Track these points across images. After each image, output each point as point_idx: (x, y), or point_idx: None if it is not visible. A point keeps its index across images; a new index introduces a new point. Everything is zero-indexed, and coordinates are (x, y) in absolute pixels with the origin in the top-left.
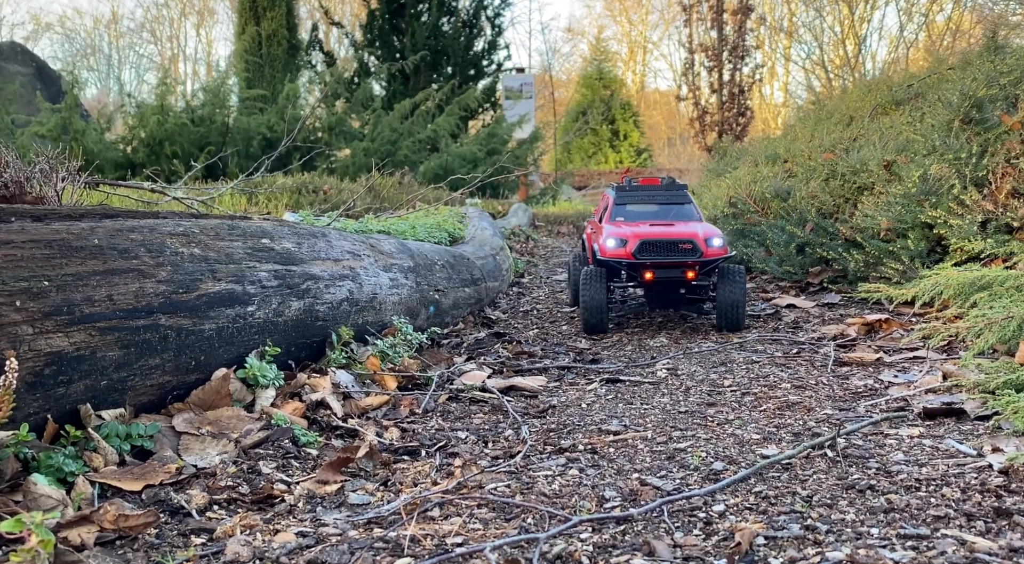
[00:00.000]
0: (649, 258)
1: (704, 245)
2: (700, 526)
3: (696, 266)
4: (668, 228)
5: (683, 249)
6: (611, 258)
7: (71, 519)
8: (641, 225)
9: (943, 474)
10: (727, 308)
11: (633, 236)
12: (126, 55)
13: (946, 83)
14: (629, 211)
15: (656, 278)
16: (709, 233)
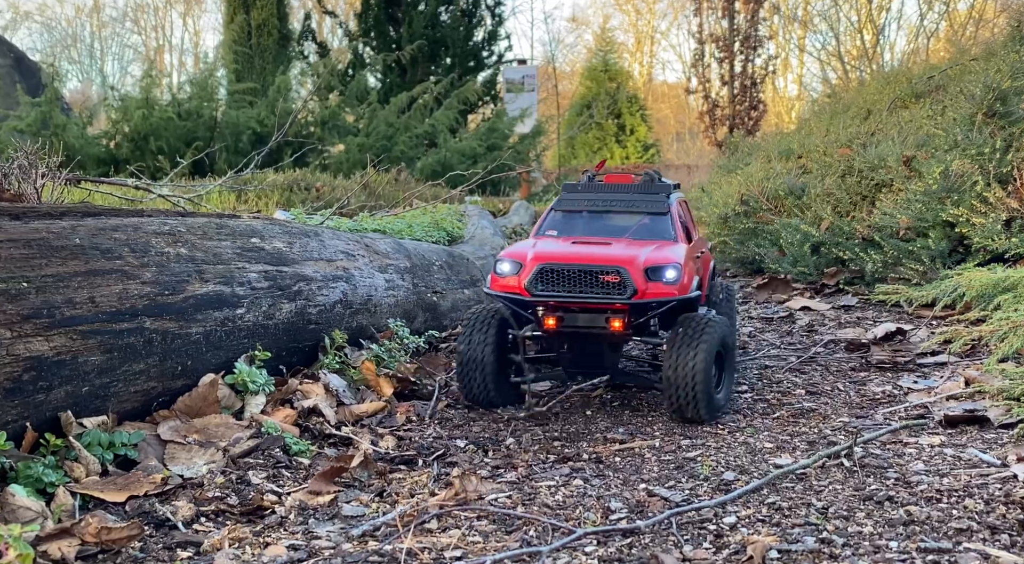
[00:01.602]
0: (551, 294)
1: (642, 278)
2: (710, 539)
3: (626, 312)
4: (591, 249)
5: (605, 282)
6: (499, 292)
7: (51, 532)
8: (564, 242)
9: (965, 485)
10: (675, 387)
11: (532, 258)
12: (109, 46)
13: (969, 75)
14: (571, 221)
15: (562, 327)
16: (658, 260)
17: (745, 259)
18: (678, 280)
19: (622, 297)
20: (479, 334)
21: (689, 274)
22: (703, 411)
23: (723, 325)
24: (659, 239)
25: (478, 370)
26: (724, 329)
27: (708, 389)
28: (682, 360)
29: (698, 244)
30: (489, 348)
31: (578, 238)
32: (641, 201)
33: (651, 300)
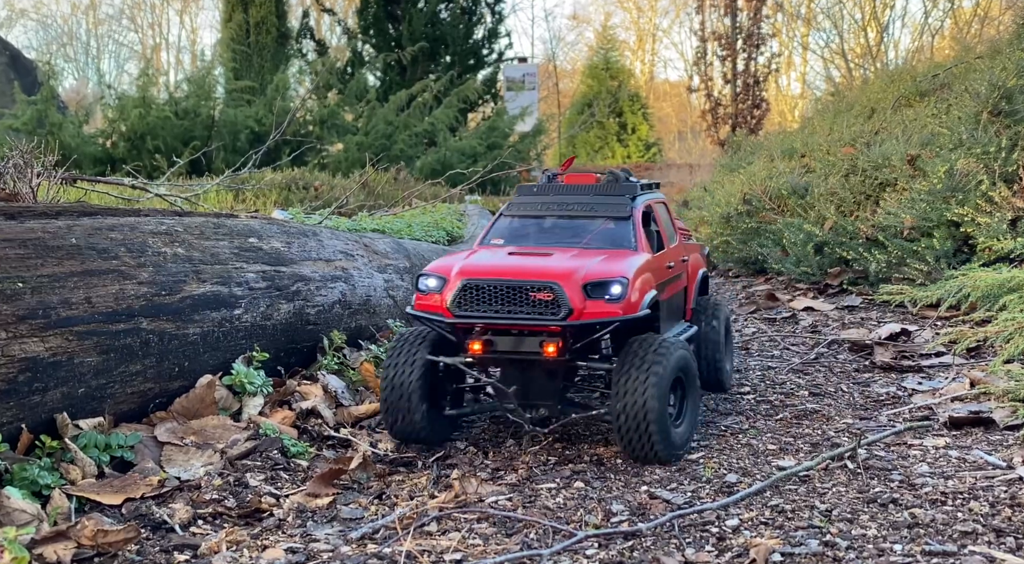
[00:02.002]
0: (476, 315)
1: (579, 295)
2: (712, 542)
3: (561, 335)
4: (524, 262)
5: (536, 301)
6: (421, 312)
7: (47, 535)
8: (499, 253)
9: (970, 487)
10: (623, 422)
11: (457, 273)
12: (105, 44)
13: (974, 73)
14: (522, 228)
15: (489, 353)
16: (600, 274)
17: (748, 259)
18: (623, 297)
19: (555, 318)
20: (406, 359)
21: (642, 289)
22: (658, 449)
23: (680, 348)
24: (617, 248)
25: (404, 401)
26: (682, 353)
27: (663, 423)
28: (631, 390)
29: (674, 253)
30: (417, 375)
31: (520, 248)
32: (601, 204)
33: (590, 321)
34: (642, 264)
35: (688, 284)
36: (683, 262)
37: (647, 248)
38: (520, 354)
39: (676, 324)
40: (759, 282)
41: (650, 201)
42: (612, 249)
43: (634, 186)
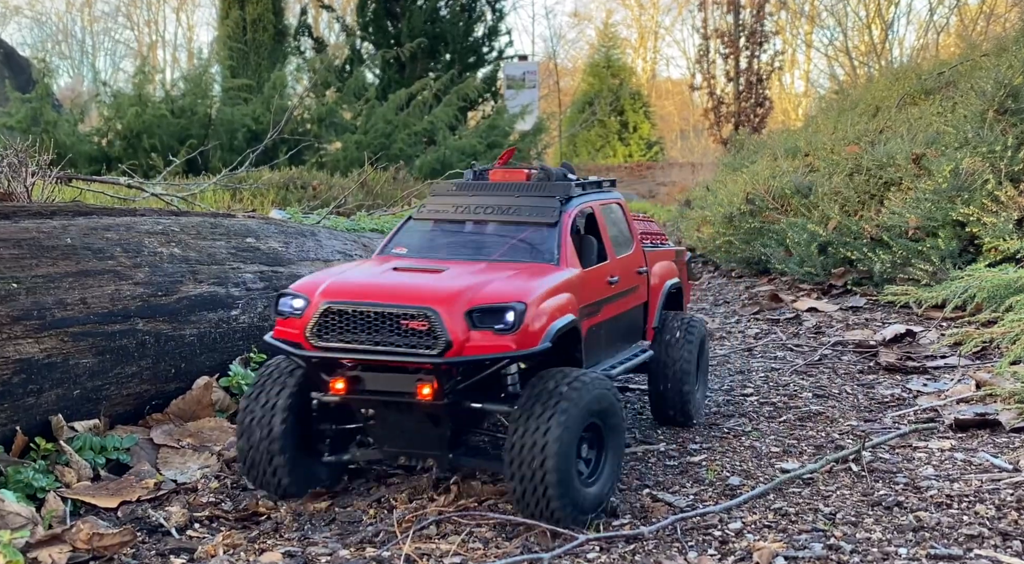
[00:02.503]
0: (338, 346)
1: (461, 324)
2: (715, 545)
3: (436, 373)
4: (403, 281)
5: (408, 330)
6: (280, 340)
7: (41, 538)
8: (383, 268)
9: (976, 490)
10: (517, 475)
11: (321, 293)
12: (101, 41)
13: (979, 71)
14: (431, 235)
15: (357, 391)
16: (491, 297)
17: (751, 259)
18: (517, 326)
19: (429, 352)
20: (266, 399)
21: (548, 315)
22: (559, 515)
23: (597, 386)
24: (536, 261)
25: (262, 449)
26: (599, 392)
27: (566, 483)
28: (527, 442)
29: (623, 264)
30: (280, 419)
31: (415, 262)
32: (526, 208)
33: (474, 357)
34: (555, 284)
35: (650, 298)
36: (639, 274)
37: (574, 261)
38: (392, 395)
39: (623, 349)
40: (762, 282)
41: (592, 203)
42: (528, 262)
43: (567, 186)
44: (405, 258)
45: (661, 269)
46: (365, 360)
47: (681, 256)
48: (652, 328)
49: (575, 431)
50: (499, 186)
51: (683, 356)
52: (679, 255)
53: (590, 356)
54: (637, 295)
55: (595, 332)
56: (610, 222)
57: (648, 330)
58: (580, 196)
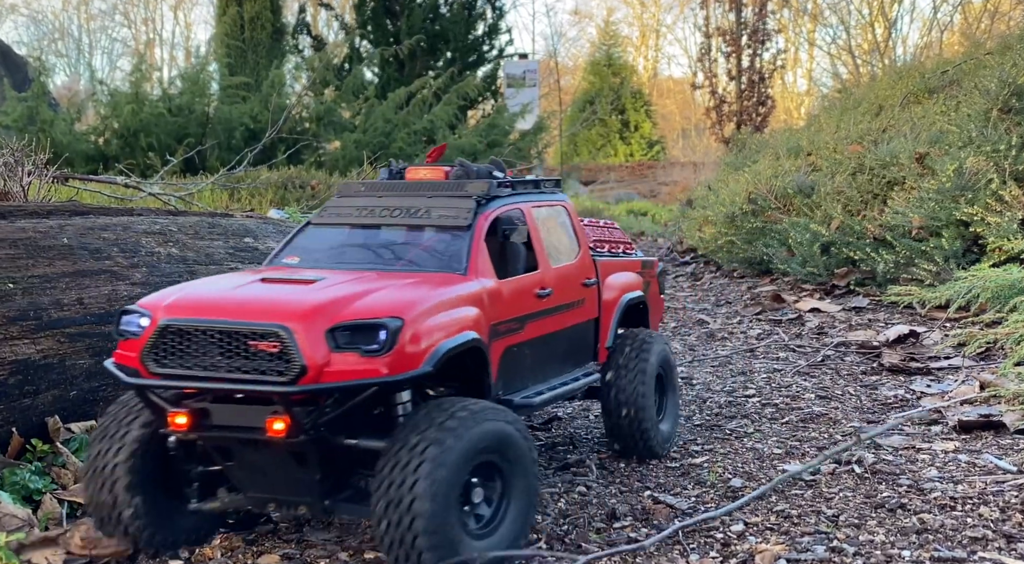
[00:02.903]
0: (176, 372)
1: (321, 345)
2: (717, 548)
3: (288, 405)
4: (257, 293)
5: (256, 353)
6: (119, 364)
7: (37, 540)
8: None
9: (980, 492)
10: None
11: (164, 308)
12: (97, 39)
13: (983, 69)
14: (328, 241)
15: (203, 427)
16: (359, 312)
17: (753, 259)
18: (390, 347)
19: (280, 379)
20: (114, 434)
21: (434, 334)
22: None
23: (487, 418)
24: (441, 270)
25: (107, 493)
26: (492, 426)
27: (441, 528)
28: (397, 475)
29: (558, 275)
30: (124, 457)
31: (291, 272)
32: (437, 210)
33: (333, 384)
34: (451, 297)
35: (602, 314)
36: (586, 286)
37: (487, 271)
38: (241, 431)
39: (562, 372)
40: (764, 283)
41: (522, 206)
42: (430, 272)
43: (487, 185)
44: (293, 269)
45: (619, 281)
46: (204, 389)
47: (650, 267)
48: (604, 348)
49: (456, 471)
50: (412, 186)
51: (638, 380)
52: (647, 266)
53: (509, 381)
54: (582, 310)
55: (517, 353)
56: (546, 227)
57: (600, 350)
58: (505, 197)
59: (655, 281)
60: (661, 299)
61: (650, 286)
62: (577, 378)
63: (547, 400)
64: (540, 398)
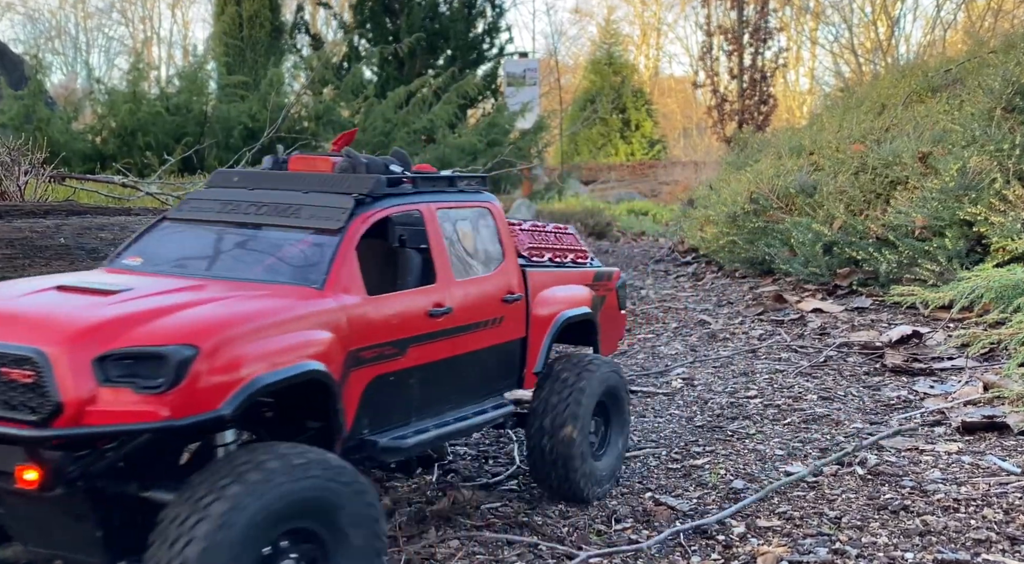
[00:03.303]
0: None
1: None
2: (719, 550)
3: (35, 451)
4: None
5: (8, 382)
6: None
7: None
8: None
9: (984, 493)
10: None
11: None
12: (95, 38)
13: (987, 68)
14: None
15: None
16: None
17: (755, 259)
18: (177, 382)
19: (32, 417)
20: None
21: (246, 365)
22: None
23: (306, 471)
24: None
25: None
26: (311, 481)
27: None
28: (168, 542)
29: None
30: None
31: (117, 277)
32: (309, 208)
33: (95, 429)
34: (284, 318)
35: (531, 334)
36: (507, 302)
37: (353, 284)
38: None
39: (465, 403)
40: (766, 283)
41: (421, 207)
42: (282, 285)
43: (373, 182)
44: (132, 272)
45: (558, 295)
46: None
47: (605, 279)
48: (531, 373)
49: (248, 537)
50: (292, 179)
51: (569, 410)
52: (601, 278)
53: (380, 417)
54: (500, 330)
55: (394, 383)
56: (457, 232)
57: (526, 375)
58: (398, 196)
59: (613, 295)
60: (622, 316)
61: (604, 301)
62: (484, 410)
63: (429, 440)
64: (418, 438)
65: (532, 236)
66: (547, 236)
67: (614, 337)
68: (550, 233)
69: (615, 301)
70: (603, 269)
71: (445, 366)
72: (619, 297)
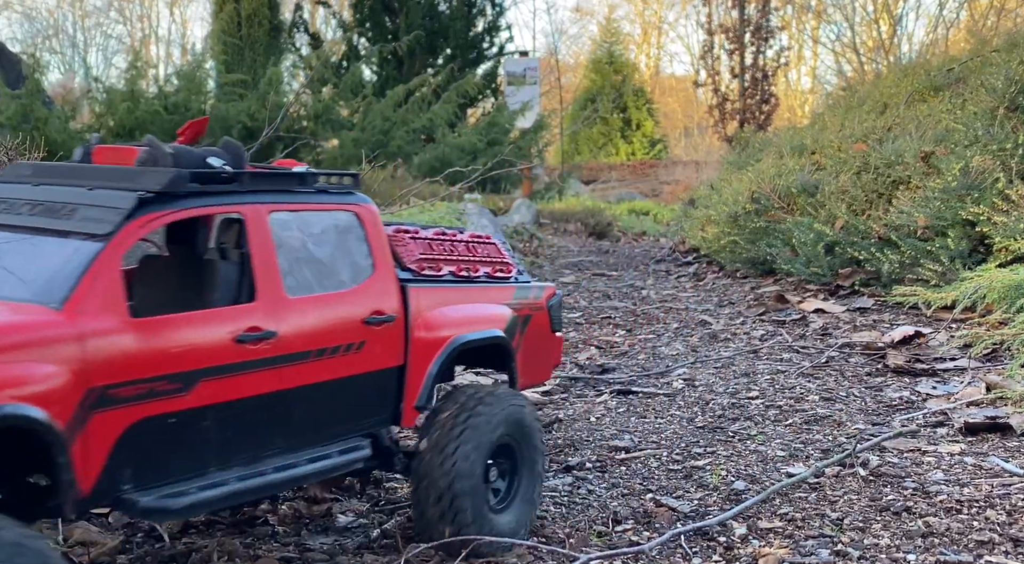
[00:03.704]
0: None
1: None
2: (720, 551)
3: None
4: None
5: None
6: None
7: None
8: None
9: (987, 495)
10: None
11: None
12: (92, 36)
13: (990, 67)
14: None
15: None
16: None
17: (756, 259)
18: None
19: None
20: None
21: None
22: None
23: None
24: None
25: None
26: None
27: None
28: None
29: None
30: None
31: None
32: (83, 208)
33: None
34: None
35: (410, 362)
36: (368, 324)
37: (109, 304)
38: None
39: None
40: (768, 283)
41: (245, 209)
42: (17, 302)
43: (165, 176)
44: None
45: (453, 316)
46: None
47: (530, 297)
48: (410, 409)
49: None
50: (85, 172)
51: (458, 454)
52: (525, 296)
53: (146, 468)
54: (358, 357)
55: (172, 427)
56: (295, 240)
57: (405, 410)
58: (209, 196)
59: (542, 315)
60: (556, 339)
61: (529, 322)
62: (327, 456)
63: (218, 498)
64: (200, 497)
65: (429, 246)
66: (453, 246)
67: (544, 364)
68: (459, 242)
69: (545, 322)
70: (529, 284)
71: (264, 403)
72: (552, 317)
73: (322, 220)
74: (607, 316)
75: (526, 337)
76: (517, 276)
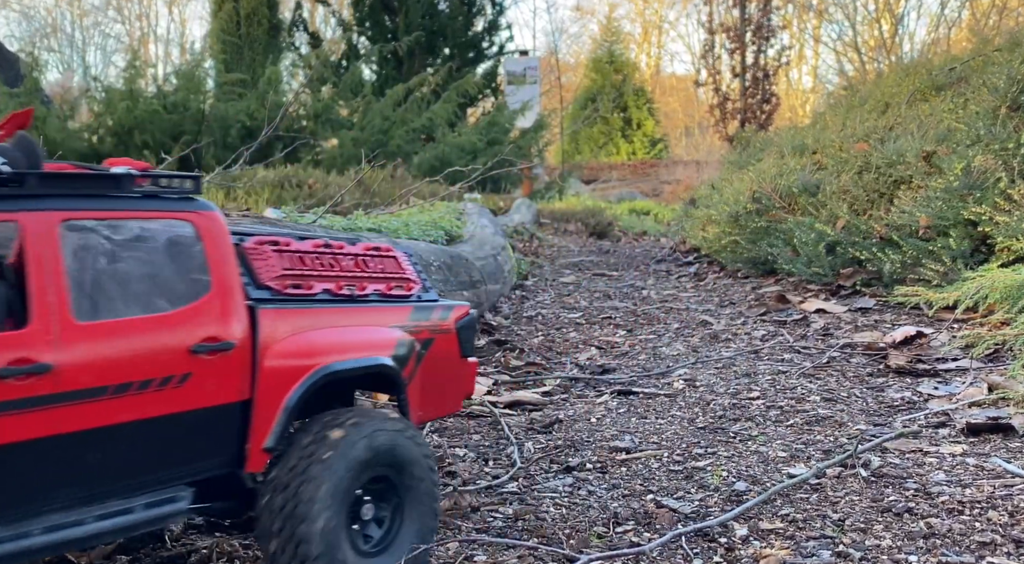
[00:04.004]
0: None
1: None
2: (721, 552)
3: None
4: None
5: None
6: None
7: None
8: None
9: (989, 496)
10: None
11: None
12: (91, 35)
13: (992, 66)
14: None
15: None
16: None
17: (757, 259)
18: None
19: None
20: None
21: None
22: None
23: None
24: None
25: None
26: None
27: None
28: None
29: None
30: None
31: None
32: None
33: None
34: None
35: (259, 397)
36: (196, 353)
37: None
38: None
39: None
40: (769, 283)
41: (20, 216)
42: None
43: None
44: None
45: (318, 342)
46: None
47: (433, 318)
48: (262, 450)
49: None
50: None
51: (307, 495)
52: (425, 316)
53: None
54: (180, 393)
55: None
56: (99, 254)
57: (251, 453)
58: None
59: (449, 339)
60: (468, 365)
61: (430, 347)
62: (128, 510)
63: None
64: None
65: (299, 260)
66: (336, 260)
67: (452, 394)
68: (345, 256)
69: (453, 346)
70: (432, 304)
71: (34, 450)
72: (461, 341)
73: (144, 230)
74: (607, 316)
75: (425, 364)
76: (421, 294)
